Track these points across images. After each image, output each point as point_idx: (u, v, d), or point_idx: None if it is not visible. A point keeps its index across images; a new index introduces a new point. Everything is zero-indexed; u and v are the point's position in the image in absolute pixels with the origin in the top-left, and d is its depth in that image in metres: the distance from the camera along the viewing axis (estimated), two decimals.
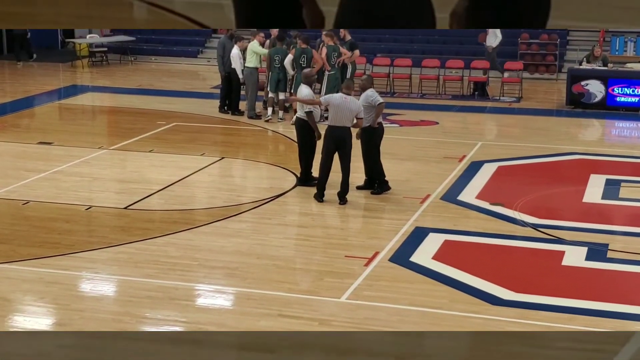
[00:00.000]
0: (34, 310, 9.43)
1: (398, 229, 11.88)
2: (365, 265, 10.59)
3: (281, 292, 9.79)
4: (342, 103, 12.81)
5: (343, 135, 12.87)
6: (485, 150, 16.35)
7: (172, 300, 9.59)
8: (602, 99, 20.24)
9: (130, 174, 14.71)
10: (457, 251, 11.27)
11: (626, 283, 10.39)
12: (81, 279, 10.25)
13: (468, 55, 24.26)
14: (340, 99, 12.89)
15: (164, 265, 10.59)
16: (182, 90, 22.83)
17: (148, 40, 28.33)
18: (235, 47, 18.99)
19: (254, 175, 15.13)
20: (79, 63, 26.76)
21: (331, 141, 12.91)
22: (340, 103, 12.83)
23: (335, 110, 12.83)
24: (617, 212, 13.07)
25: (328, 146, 12.98)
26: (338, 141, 12.87)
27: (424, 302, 9.55)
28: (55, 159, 15.44)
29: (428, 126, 18.69)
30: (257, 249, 11.15)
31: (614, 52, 24.03)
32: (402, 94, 22.34)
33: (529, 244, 11.52)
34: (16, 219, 12.36)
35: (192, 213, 12.74)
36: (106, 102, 21.99)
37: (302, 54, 18.18)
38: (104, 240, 11.44)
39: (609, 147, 17.30)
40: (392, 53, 24.51)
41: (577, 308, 9.50)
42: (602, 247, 11.33)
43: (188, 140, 17.08)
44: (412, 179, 14.41)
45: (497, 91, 22.02)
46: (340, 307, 9.46)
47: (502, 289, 9.94)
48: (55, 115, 20.47)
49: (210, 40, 27.96)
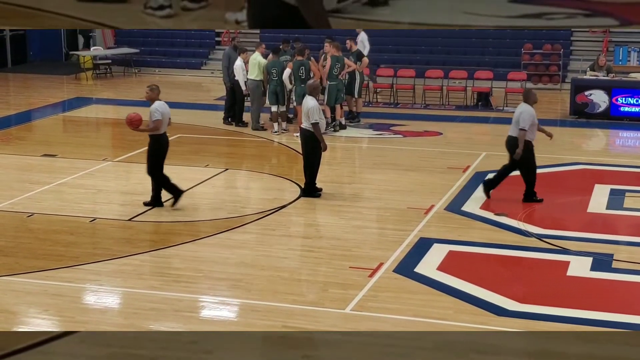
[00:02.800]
0: (38, 323, 9.42)
1: (402, 240, 11.86)
2: (369, 276, 10.57)
3: (285, 304, 9.78)
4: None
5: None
6: (489, 160, 16.33)
7: (177, 312, 9.58)
8: (605, 109, 20.24)
9: (134, 185, 14.71)
10: (461, 262, 11.25)
11: (631, 293, 10.37)
12: (85, 291, 10.24)
13: (471, 65, 24.30)
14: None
15: (169, 277, 10.58)
16: (186, 102, 22.83)
17: (152, 52, 28.39)
18: (239, 59, 19.02)
19: (258, 186, 15.13)
20: (83, 75, 26.81)
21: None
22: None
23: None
24: (622, 222, 13.04)
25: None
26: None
27: (428, 313, 9.53)
28: (59, 171, 15.46)
29: (432, 137, 18.69)
30: (262, 260, 11.14)
31: (617, 62, 24.02)
32: (405, 105, 22.35)
33: (534, 255, 11.50)
34: (20, 232, 12.36)
35: (196, 224, 12.73)
36: (110, 114, 22.01)
37: (301, 66, 18.18)
38: (108, 252, 11.44)
39: (613, 157, 17.28)
40: (395, 64, 24.52)
41: (582, 319, 9.48)
42: (607, 257, 11.31)
43: (192, 152, 17.09)
44: (416, 189, 14.40)
45: (500, 102, 22.02)
46: (345, 319, 9.44)
47: (506, 299, 9.92)
48: (60, 127, 20.50)
49: (214, 52, 28.03)
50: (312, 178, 13.89)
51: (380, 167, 15.89)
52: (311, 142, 13.67)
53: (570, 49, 25.57)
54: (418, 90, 22.65)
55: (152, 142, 13.19)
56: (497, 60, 25.15)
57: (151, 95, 13.21)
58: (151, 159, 13.22)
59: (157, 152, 13.21)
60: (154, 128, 13.06)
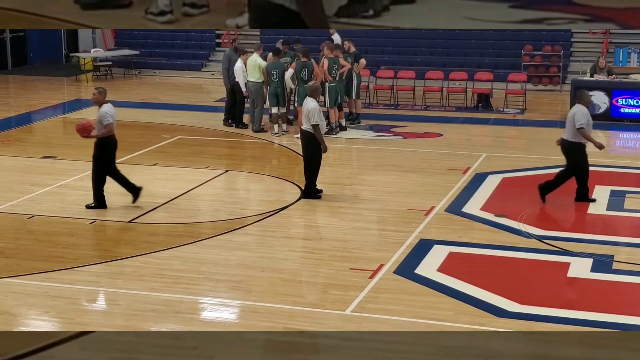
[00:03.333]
0: (38, 325, 9.42)
1: (403, 241, 11.86)
2: (370, 277, 10.57)
3: (286, 305, 9.78)
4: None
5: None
6: (489, 161, 16.35)
7: (177, 313, 9.58)
8: (606, 110, 20.24)
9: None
10: (462, 263, 11.26)
11: (632, 294, 10.37)
12: (86, 293, 10.24)
13: (472, 67, 24.31)
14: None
15: (169, 278, 10.58)
16: (186, 104, 22.86)
17: (152, 54, 28.40)
18: (239, 61, 19.00)
19: (259, 188, 15.13)
20: (83, 77, 26.82)
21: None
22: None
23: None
24: (622, 223, 13.04)
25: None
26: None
27: (429, 315, 9.53)
28: (59, 173, 15.46)
29: (432, 138, 18.69)
30: (262, 262, 11.14)
31: (618, 64, 24.01)
32: (406, 106, 22.35)
33: (534, 256, 11.50)
34: (21, 233, 12.37)
35: (196, 226, 12.73)
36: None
37: (304, 67, 18.19)
38: (108, 254, 11.44)
39: (613, 158, 17.27)
40: (395, 65, 24.54)
41: (582, 320, 9.48)
42: (607, 259, 11.31)
43: (192, 154, 17.09)
44: (417, 191, 14.41)
45: (501, 103, 22.02)
46: (345, 320, 9.45)
47: (507, 300, 9.92)
48: (60, 129, 20.51)
49: (214, 54, 28.03)
50: (313, 179, 13.89)
51: (381, 169, 15.89)
52: (312, 144, 13.67)
53: (570, 50, 25.58)
54: (418, 91, 22.65)
55: (103, 145, 13.13)
56: (497, 62, 25.15)
57: (99, 98, 13.16)
58: (100, 162, 13.18)
59: (107, 154, 13.18)
60: (106, 132, 13.02)
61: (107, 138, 13.10)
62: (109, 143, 13.16)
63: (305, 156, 13.91)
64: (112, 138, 13.18)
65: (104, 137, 13.08)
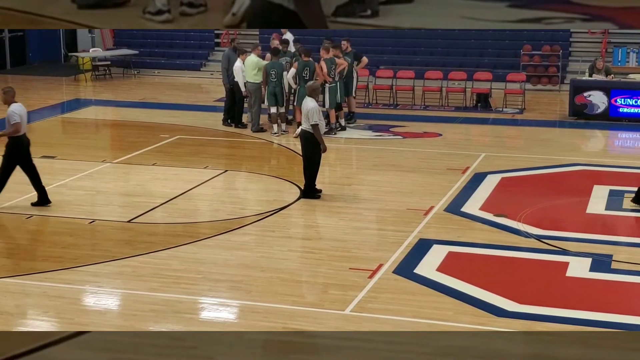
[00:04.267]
0: (37, 325, 9.41)
1: (402, 241, 11.86)
2: (369, 277, 10.57)
3: (285, 305, 9.78)
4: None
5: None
6: (488, 161, 16.35)
7: (176, 313, 9.58)
8: (604, 110, 20.24)
9: (133, 187, 14.71)
10: (461, 263, 11.26)
11: (631, 294, 10.37)
12: (85, 293, 10.24)
13: (471, 67, 24.31)
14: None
15: (168, 278, 10.58)
16: (185, 104, 22.84)
17: (151, 54, 28.37)
18: (238, 60, 18.99)
19: (258, 187, 15.13)
20: (82, 77, 26.80)
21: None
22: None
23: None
24: (621, 223, 13.05)
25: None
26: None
27: (428, 314, 9.53)
28: (58, 173, 15.45)
29: (431, 138, 18.69)
30: (261, 262, 11.14)
31: (616, 63, 24.01)
32: (405, 106, 22.34)
33: (533, 255, 11.50)
34: (20, 233, 12.36)
35: (195, 226, 12.73)
36: (109, 115, 22.01)
37: (305, 67, 18.19)
38: (107, 254, 11.44)
39: (612, 158, 17.28)
40: (395, 65, 24.53)
41: (581, 319, 9.48)
42: (606, 258, 11.31)
43: (191, 153, 17.09)
44: (416, 190, 14.41)
45: (500, 103, 22.02)
46: (345, 320, 9.45)
47: (506, 300, 9.92)
48: (59, 129, 20.50)
49: (213, 54, 28.02)
50: (312, 179, 13.89)
51: (380, 169, 15.89)
52: (311, 144, 13.67)
53: (569, 50, 25.57)
54: (417, 91, 22.64)
55: (13, 145, 13.08)
56: (496, 62, 25.14)
57: (6, 98, 13.18)
58: (11, 161, 13.12)
59: (17, 154, 13.12)
60: (14, 131, 13.00)
61: (17, 138, 13.05)
62: (20, 143, 13.10)
63: (304, 156, 13.91)
64: (23, 137, 13.14)
65: (14, 137, 13.04)
